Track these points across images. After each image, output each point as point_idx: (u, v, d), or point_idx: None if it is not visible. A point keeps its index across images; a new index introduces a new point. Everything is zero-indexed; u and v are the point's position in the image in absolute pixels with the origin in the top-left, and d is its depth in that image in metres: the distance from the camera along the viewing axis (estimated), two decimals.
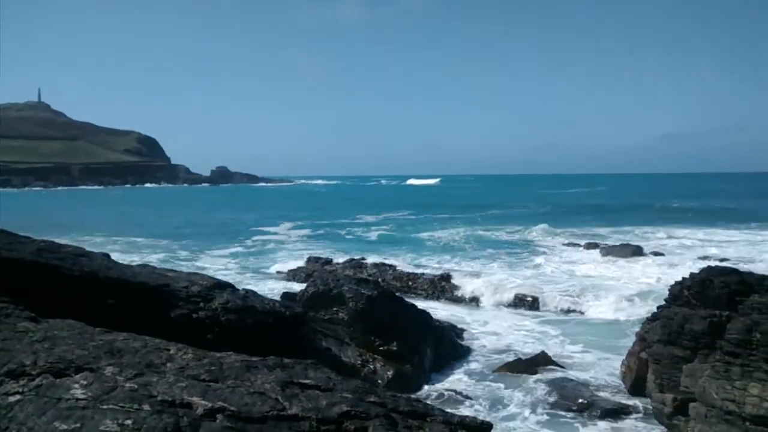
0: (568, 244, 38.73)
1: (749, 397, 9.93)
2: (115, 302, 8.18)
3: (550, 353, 15.86)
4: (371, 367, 14.89)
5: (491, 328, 18.93)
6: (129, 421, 3.53)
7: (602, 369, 14.93)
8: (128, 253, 32.35)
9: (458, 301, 23.04)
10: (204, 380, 4.37)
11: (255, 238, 43.90)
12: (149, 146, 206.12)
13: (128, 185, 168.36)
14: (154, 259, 30.49)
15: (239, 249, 37.52)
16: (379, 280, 23.39)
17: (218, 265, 31.15)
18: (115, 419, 3.54)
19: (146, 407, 3.72)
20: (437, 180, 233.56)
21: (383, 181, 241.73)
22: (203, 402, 3.94)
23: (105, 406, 3.69)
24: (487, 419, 4.99)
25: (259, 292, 10.90)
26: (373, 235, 45.63)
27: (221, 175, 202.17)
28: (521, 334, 18.18)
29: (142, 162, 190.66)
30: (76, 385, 3.97)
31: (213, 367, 4.63)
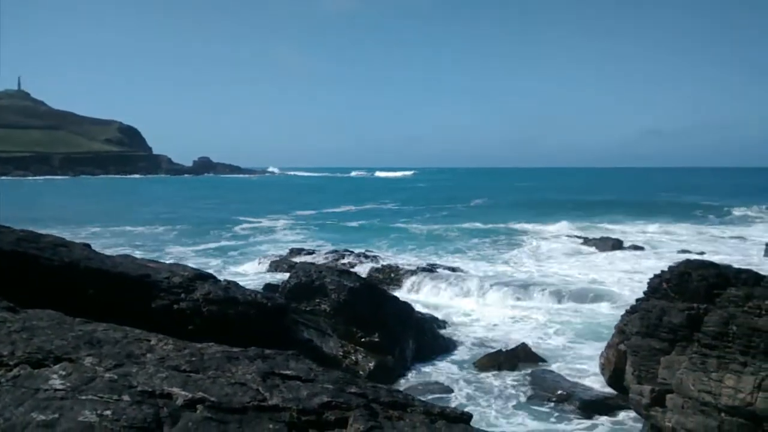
0: (551, 237, 39.02)
1: (725, 389, 10.08)
2: (96, 292, 8.14)
3: (530, 345, 15.98)
4: (353, 358, 14.93)
5: (473, 320, 19.03)
6: (108, 412, 3.52)
7: (582, 361, 15.07)
8: (110, 245, 32.11)
9: (442, 292, 23.08)
10: (184, 371, 4.36)
11: (238, 229, 43.75)
12: (131, 136, 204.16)
13: (110, 175, 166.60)
14: (136, 250, 30.26)
15: (222, 240, 37.40)
16: (362, 271, 23.42)
17: (201, 255, 31.02)
18: (94, 410, 3.52)
19: (126, 398, 3.71)
20: (413, 172, 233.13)
21: (366, 173, 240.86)
22: (183, 392, 3.94)
23: (84, 397, 3.67)
24: (467, 410, 5.03)
25: (241, 284, 10.86)
26: (357, 227, 45.62)
27: (203, 166, 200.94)
28: (503, 327, 18.28)
29: (123, 152, 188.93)
30: (55, 376, 3.95)
31: (194, 358, 4.62)
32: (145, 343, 4.89)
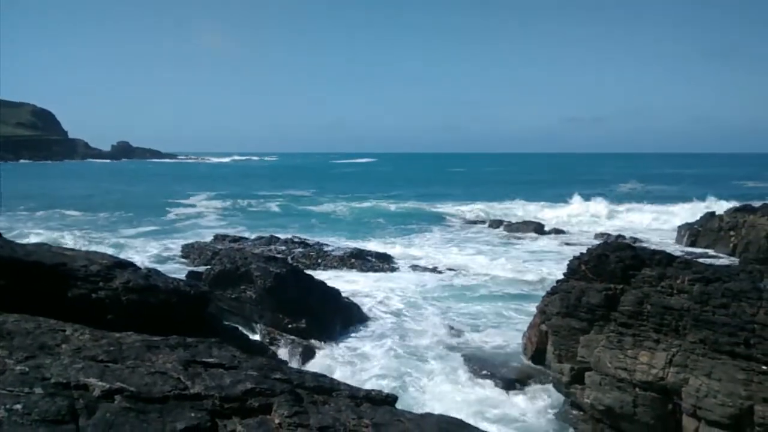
0: (473, 221, 39.73)
1: (639, 365, 10.53)
2: (6, 283, 7.76)
3: (455, 327, 16.28)
4: (280, 344, 14.85)
5: (401, 302, 19.15)
6: (18, 406, 3.37)
7: (505, 341, 15.40)
8: (22, 233, 30.77)
9: (368, 276, 23.16)
10: (102, 361, 4.23)
11: (159, 215, 42.63)
12: (45, 119, 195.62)
13: (22, 161, 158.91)
14: (54, 238, 29.03)
15: (143, 228, 36.35)
16: (289, 257, 23.25)
17: (123, 244, 30.05)
18: (3, 404, 3.36)
19: (38, 390, 3.57)
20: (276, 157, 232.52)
21: (256, 158, 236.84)
22: (101, 383, 3.82)
23: None
24: (393, 391, 5.07)
25: (164, 272, 10.58)
26: (280, 212, 45.33)
27: (122, 151, 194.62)
28: (429, 307, 18.48)
29: (37, 136, 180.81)
30: None
31: (111, 348, 4.49)
32: (59, 333, 4.71)
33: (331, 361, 14.51)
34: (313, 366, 13.30)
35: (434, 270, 23.29)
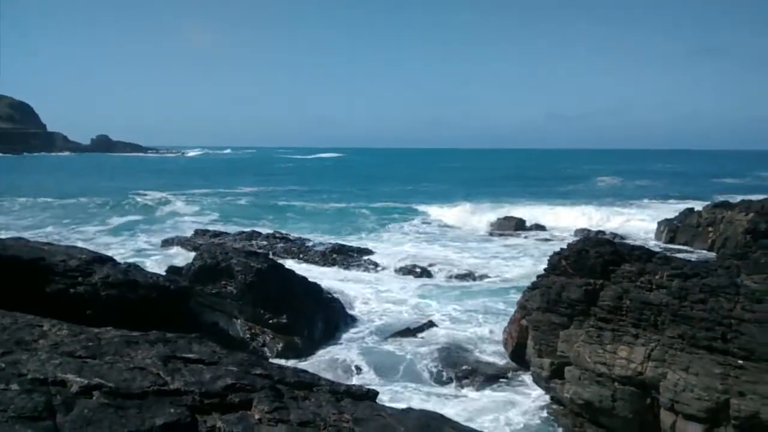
0: (453, 218, 39.74)
1: (618, 360, 10.63)
2: None
3: (436, 322, 16.32)
4: (261, 340, 14.81)
5: (382, 298, 19.17)
6: None
7: (486, 336, 15.47)
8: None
9: (349, 271, 23.16)
10: (80, 357, 4.19)
11: (139, 211, 42.21)
12: (22, 112, 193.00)
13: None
14: (31, 233, 28.69)
15: (122, 222, 35.99)
16: (270, 252, 23.16)
17: (102, 239, 29.78)
18: None
19: (14, 386, 3.52)
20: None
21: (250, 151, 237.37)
22: (78, 379, 3.78)
23: None
24: (374, 387, 5.08)
25: (144, 266, 10.50)
26: (263, 207, 45.11)
27: (102, 144, 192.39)
28: (411, 303, 18.52)
29: (14, 129, 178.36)
30: None
31: (90, 343, 4.45)
32: (37, 329, 4.66)
33: (312, 356, 14.51)
34: (294, 361, 13.27)
35: (414, 266, 23.28)
